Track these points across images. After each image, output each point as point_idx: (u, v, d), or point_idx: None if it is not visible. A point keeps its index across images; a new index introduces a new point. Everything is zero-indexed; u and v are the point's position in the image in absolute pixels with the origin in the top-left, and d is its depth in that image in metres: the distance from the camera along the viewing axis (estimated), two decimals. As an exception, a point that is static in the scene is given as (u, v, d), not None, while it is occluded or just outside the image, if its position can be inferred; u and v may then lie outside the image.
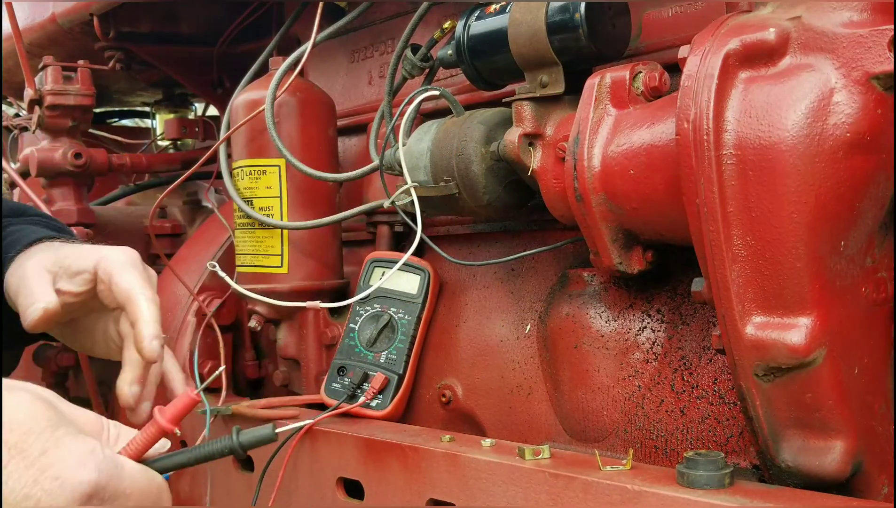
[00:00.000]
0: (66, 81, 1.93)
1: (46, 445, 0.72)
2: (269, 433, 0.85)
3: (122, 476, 0.76)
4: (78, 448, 0.73)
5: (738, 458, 1.05)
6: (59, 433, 0.73)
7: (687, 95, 0.89)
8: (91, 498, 0.72)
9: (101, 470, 0.74)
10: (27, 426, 0.71)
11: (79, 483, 0.72)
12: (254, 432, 0.85)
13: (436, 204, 1.25)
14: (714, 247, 0.89)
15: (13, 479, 0.69)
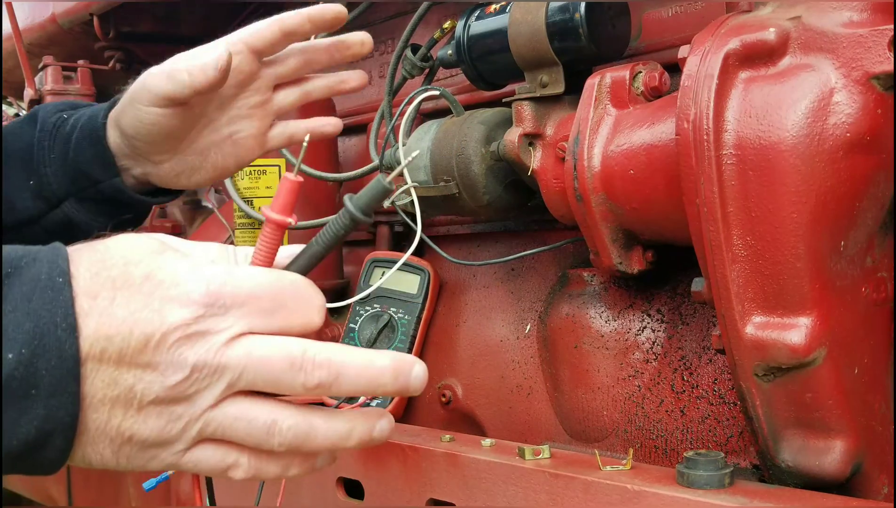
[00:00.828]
0: (66, 81, 1.94)
1: (148, 269, 0.65)
2: (382, 185, 0.72)
3: (237, 279, 0.66)
4: (182, 266, 0.66)
5: (738, 458, 1.05)
6: (163, 256, 0.67)
7: (687, 95, 0.89)
8: (208, 308, 0.65)
9: (210, 280, 0.65)
10: (125, 259, 0.66)
11: (187, 295, 0.64)
12: (366, 190, 0.72)
13: (436, 204, 1.25)
14: (714, 247, 0.89)
15: (122, 309, 0.64)
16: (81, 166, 1.08)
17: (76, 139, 1.08)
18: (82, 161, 1.07)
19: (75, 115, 1.12)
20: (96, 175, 1.07)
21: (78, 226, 1.10)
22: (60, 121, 1.11)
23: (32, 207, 1.10)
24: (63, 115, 1.12)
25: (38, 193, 1.10)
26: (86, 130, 1.08)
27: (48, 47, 2.02)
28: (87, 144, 1.07)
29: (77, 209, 1.10)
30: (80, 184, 1.09)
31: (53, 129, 1.11)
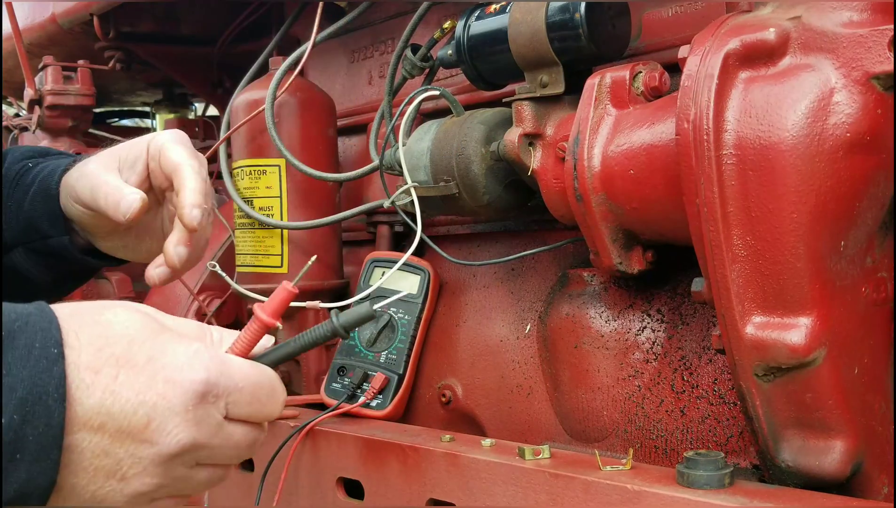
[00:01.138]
0: (66, 81, 1.94)
1: (152, 351, 0.71)
2: (367, 311, 0.81)
3: (232, 371, 0.74)
4: (183, 350, 0.72)
5: (738, 458, 1.05)
6: (163, 338, 0.72)
7: (687, 95, 0.89)
8: (205, 396, 0.72)
9: (209, 368, 0.72)
10: (129, 337, 0.71)
11: (190, 383, 0.71)
12: (352, 312, 0.81)
13: (436, 204, 1.25)
14: (714, 247, 0.89)
15: (125, 388, 0.69)
16: (34, 220, 1.10)
17: (33, 192, 1.11)
18: (35, 215, 1.10)
19: (39, 165, 1.14)
20: (46, 230, 1.10)
21: (22, 274, 1.13)
22: (24, 169, 1.13)
23: None
24: (29, 163, 1.14)
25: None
26: (42, 186, 1.10)
27: (48, 47, 2.02)
28: (41, 200, 1.10)
29: (24, 259, 1.12)
30: (30, 235, 1.11)
31: (16, 176, 1.13)
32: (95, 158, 1.08)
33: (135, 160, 1.07)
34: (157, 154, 1.05)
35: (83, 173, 1.06)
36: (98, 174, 1.05)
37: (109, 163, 1.06)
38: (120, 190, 1.02)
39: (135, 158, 1.07)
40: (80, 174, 1.06)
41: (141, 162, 1.06)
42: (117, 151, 1.08)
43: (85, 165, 1.08)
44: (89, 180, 1.05)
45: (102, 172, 1.05)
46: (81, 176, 1.06)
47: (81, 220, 1.08)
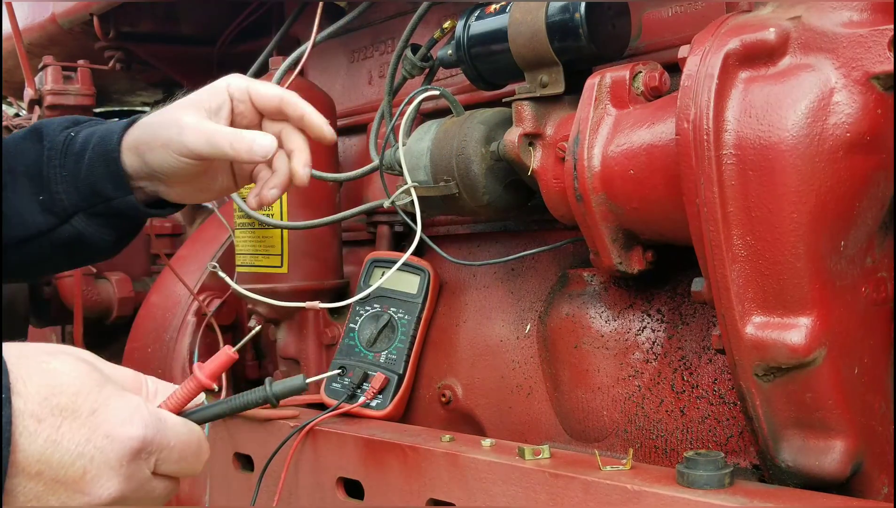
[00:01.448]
0: (66, 81, 1.94)
1: (96, 405, 0.75)
2: (299, 384, 0.87)
3: (167, 429, 0.79)
4: (125, 405, 0.77)
5: (738, 458, 1.05)
6: (106, 391, 0.76)
7: (687, 95, 0.89)
8: (139, 453, 0.76)
9: (147, 426, 0.77)
10: (75, 388, 0.74)
11: (128, 439, 0.75)
12: (286, 382, 0.88)
13: (436, 204, 1.25)
14: (714, 247, 0.89)
15: (66, 439, 0.73)
16: (94, 185, 1.13)
17: (89, 159, 1.13)
18: (95, 180, 1.13)
19: (82, 132, 1.17)
20: (109, 193, 1.13)
21: (86, 239, 1.16)
22: (69, 139, 1.16)
23: (42, 221, 1.15)
24: (70, 132, 1.17)
25: (47, 208, 1.15)
26: (98, 151, 1.13)
27: (48, 47, 2.02)
28: (100, 164, 1.12)
29: (87, 224, 1.15)
30: (91, 201, 1.14)
31: (63, 146, 1.15)
32: (179, 111, 1.11)
33: (219, 107, 1.12)
34: (245, 95, 1.12)
35: (182, 127, 1.09)
36: (206, 126, 1.09)
37: (200, 113, 1.11)
38: (245, 135, 1.08)
39: (218, 105, 1.12)
40: (175, 135, 1.09)
41: (226, 107, 1.12)
42: (197, 102, 1.13)
43: (174, 119, 1.11)
44: (198, 132, 1.08)
45: (208, 123, 1.10)
46: (182, 129, 1.09)
47: (165, 171, 1.11)
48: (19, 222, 1.16)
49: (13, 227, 1.16)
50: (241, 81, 1.14)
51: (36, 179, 1.16)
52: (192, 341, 1.68)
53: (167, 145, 1.10)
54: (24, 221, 1.16)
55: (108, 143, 1.13)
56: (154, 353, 1.71)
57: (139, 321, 1.80)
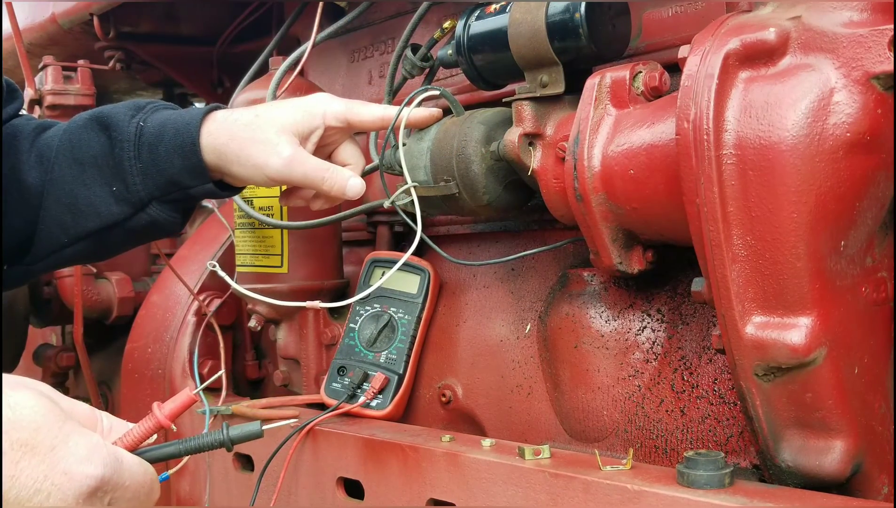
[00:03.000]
0: (66, 81, 1.94)
1: (55, 441, 0.75)
2: (256, 430, 0.90)
3: (123, 469, 0.80)
4: (84, 443, 0.77)
5: (738, 458, 1.05)
6: (66, 428, 0.77)
7: (687, 95, 0.89)
8: (96, 491, 0.77)
9: (105, 464, 0.78)
10: (36, 424, 0.75)
11: (86, 478, 0.76)
12: (242, 427, 0.90)
13: (436, 204, 1.25)
14: (714, 247, 0.89)
15: (25, 475, 0.73)
16: (172, 176, 1.18)
17: (165, 151, 1.18)
18: (173, 171, 1.18)
19: (151, 121, 1.20)
20: (187, 182, 1.18)
21: (159, 224, 1.21)
22: (139, 129, 1.19)
23: (118, 211, 1.19)
24: (139, 122, 1.20)
25: (122, 197, 1.19)
26: (175, 143, 1.17)
27: (48, 47, 2.02)
28: (179, 157, 1.17)
29: (160, 210, 1.20)
30: (167, 190, 1.19)
31: (135, 138, 1.19)
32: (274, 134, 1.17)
33: (311, 132, 1.18)
34: (343, 121, 1.20)
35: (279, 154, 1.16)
36: (304, 158, 1.16)
37: (294, 139, 1.17)
38: (340, 175, 1.17)
39: (311, 130, 1.19)
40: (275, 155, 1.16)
41: (318, 133, 1.19)
42: (292, 125, 1.18)
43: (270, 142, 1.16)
44: (295, 163, 1.16)
45: (304, 154, 1.17)
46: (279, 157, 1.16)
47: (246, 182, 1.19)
48: (93, 212, 1.19)
49: (88, 217, 1.19)
50: (339, 105, 1.19)
51: (106, 169, 1.19)
52: (192, 341, 1.68)
53: (259, 167, 1.15)
54: (99, 212, 1.19)
55: (185, 137, 1.17)
56: (154, 353, 1.71)
57: (139, 321, 1.80)
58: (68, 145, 1.21)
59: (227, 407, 1.43)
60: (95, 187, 1.19)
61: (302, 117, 1.18)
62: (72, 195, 1.19)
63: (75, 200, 1.19)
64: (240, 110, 1.22)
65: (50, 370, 2.09)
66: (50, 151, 1.21)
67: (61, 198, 1.19)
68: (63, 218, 1.20)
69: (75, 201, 1.19)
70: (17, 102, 1.28)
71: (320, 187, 1.17)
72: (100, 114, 1.22)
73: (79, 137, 1.21)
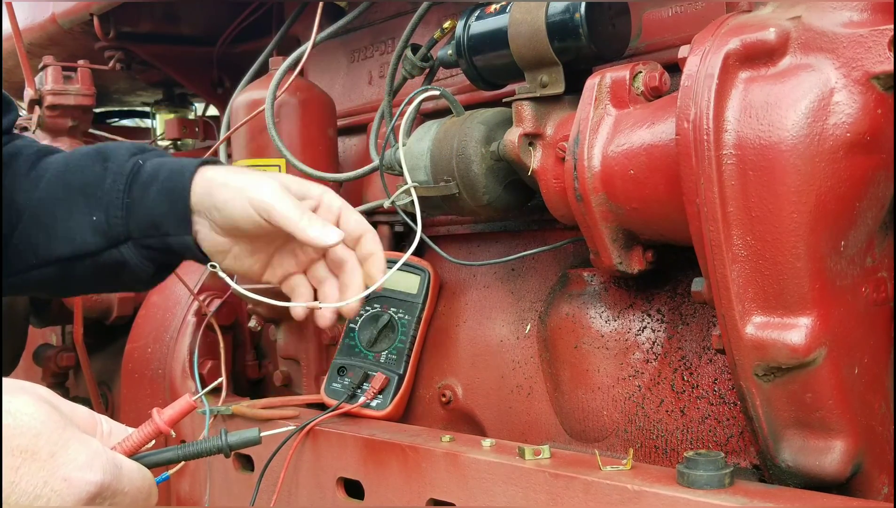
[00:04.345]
0: (66, 81, 1.94)
1: (55, 448, 0.75)
2: (254, 437, 0.91)
3: (122, 475, 0.80)
4: (84, 449, 0.77)
5: (738, 458, 1.05)
6: (66, 434, 0.77)
7: (687, 95, 0.89)
8: (95, 497, 0.77)
9: (105, 471, 0.78)
10: (36, 430, 0.75)
11: (86, 484, 0.76)
12: (240, 434, 0.91)
13: (436, 204, 1.25)
14: (714, 247, 0.89)
15: (25, 481, 0.73)
16: (155, 217, 1.14)
17: (156, 191, 1.14)
18: (159, 214, 1.14)
19: (150, 161, 1.18)
20: (168, 228, 1.15)
21: (128, 267, 1.17)
22: (136, 166, 1.17)
23: (91, 241, 1.16)
24: (138, 159, 1.18)
25: (100, 229, 1.15)
26: (167, 185, 1.14)
27: (48, 47, 2.02)
28: (167, 200, 1.14)
29: (133, 253, 1.16)
30: (147, 232, 1.15)
31: (130, 173, 1.16)
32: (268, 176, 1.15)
33: (303, 197, 1.15)
34: (336, 214, 1.17)
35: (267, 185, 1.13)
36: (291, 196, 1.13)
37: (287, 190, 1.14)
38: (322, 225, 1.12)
39: (302, 195, 1.16)
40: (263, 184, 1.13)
41: (309, 204, 1.15)
42: (287, 182, 1.16)
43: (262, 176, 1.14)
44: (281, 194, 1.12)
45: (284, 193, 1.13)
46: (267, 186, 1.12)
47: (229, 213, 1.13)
48: (67, 237, 1.16)
49: (60, 242, 1.16)
50: (336, 199, 1.18)
51: (93, 198, 1.16)
52: (192, 341, 1.68)
53: (243, 190, 1.12)
54: (73, 238, 1.16)
55: (178, 181, 1.14)
56: (154, 353, 1.71)
57: (139, 321, 1.80)
58: (63, 168, 1.19)
59: (228, 407, 1.43)
60: (77, 213, 1.16)
61: (297, 183, 1.17)
62: (52, 216, 1.17)
63: (54, 221, 1.16)
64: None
65: (50, 370, 2.09)
66: (47, 171, 1.20)
67: (41, 217, 1.17)
68: (37, 238, 1.17)
69: (54, 222, 1.16)
70: (11, 113, 1.26)
71: (299, 223, 1.11)
72: (102, 147, 1.21)
73: (76, 162, 1.19)
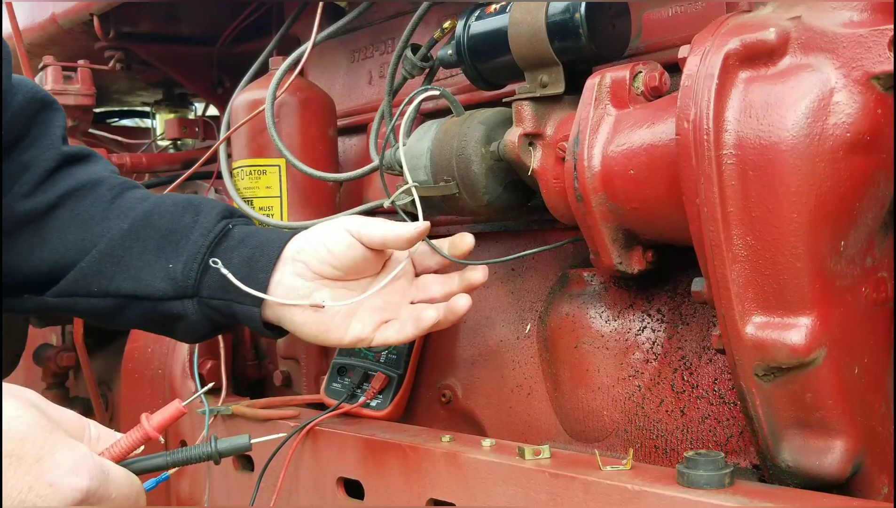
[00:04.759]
0: (66, 81, 1.94)
1: (41, 452, 0.75)
2: (244, 444, 0.91)
3: (109, 481, 0.80)
4: (71, 454, 0.77)
5: (738, 458, 1.05)
6: (53, 439, 0.76)
7: (687, 95, 0.89)
8: (81, 503, 0.76)
9: (92, 477, 0.77)
10: (22, 434, 0.74)
11: (71, 490, 0.75)
12: (231, 440, 0.91)
13: (436, 204, 1.25)
14: (714, 247, 0.89)
15: (10, 486, 0.73)
16: (230, 284, 1.13)
17: (239, 257, 1.14)
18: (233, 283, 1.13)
19: (238, 228, 1.18)
20: (236, 295, 1.13)
21: (185, 321, 1.16)
22: (225, 229, 1.17)
23: (159, 287, 1.15)
24: (229, 224, 1.18)
25: (171, 277, 1.15)
26: (251, 257, 1.15)
27: (48, 47, 2.02)
28: (246, 271, 1.13)
29: (196, 310, 1.15)
30: (217, 293, 1.14)
31: (219, 235, 1.16)
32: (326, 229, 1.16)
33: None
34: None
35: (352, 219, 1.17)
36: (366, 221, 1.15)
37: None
38: (399, 225, 1.14)
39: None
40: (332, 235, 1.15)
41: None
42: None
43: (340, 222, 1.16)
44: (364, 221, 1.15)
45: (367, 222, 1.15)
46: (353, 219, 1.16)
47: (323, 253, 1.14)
48: (135, 276, 1.15)
49: (128, 279, 1.15)
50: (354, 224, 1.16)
51: (175, 246, 1.15)
52: (192, 341, 1.67)
53: (336, 226, 1.14)
54: (141, 278, 1.15)
55: (268, 251, 1.14)
56: (154, 353, 1.71)
57: (139, 321, 1.80)
58: (152, 208, 1.18)
59: (227, 407, 1.43)
60: (153, 255, 1.15)
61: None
62: (127, 251, 1.15)
63: (128, 256, 1.15)
64: None
65: (50, 370, 2.09)
66: (133, 208, 1.19)
67: (116, 250, 1.15)
68: (105, 268, 1.15)
69: (128, 257, 1.15)
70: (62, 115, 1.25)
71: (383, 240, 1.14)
72: (195, 200, 1.21)
73: (167, 207, 1.18)
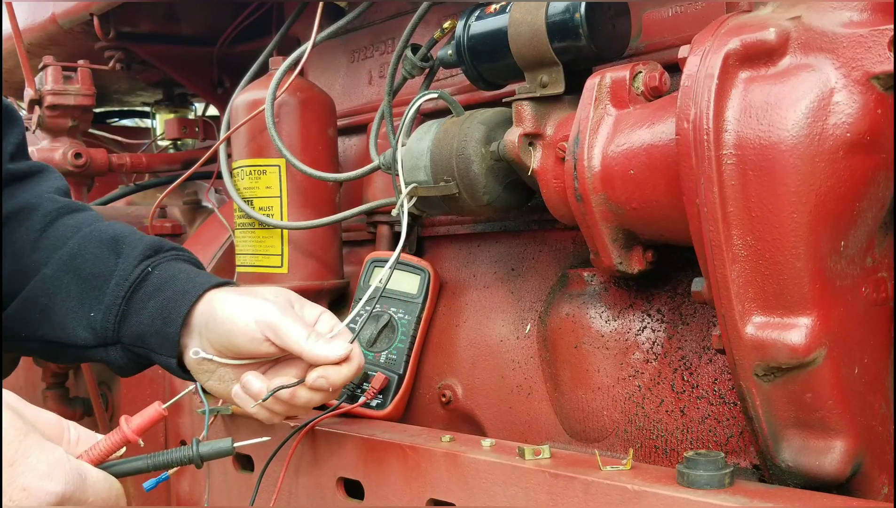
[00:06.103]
0: (66, 81, 1.94)
1: (15, 456, 0.74)
2: (226, 447, 0.91)
3: (86, 485, 0.79)
4: (46, 458, 0.76)
5: (738, 458, 1.05)
6: (28, 442, 0.75)
7: (687, 95, 0.89)
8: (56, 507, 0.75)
9: (67, 481, 0.76)
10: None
11: (45, 494, 0.74)
12: (213, 444, 0.91)
13: (436, 204, 1.25)
14: (714, 247, 0.89)
15: None
16: (144, 334, 1.12)
17: (153, 308, 1.13)
18: (148, 331, 1.12)
19: (158, 270, 1.16)
20: (154, 346, 1.12)
21: (112, 365, 1.16)
22: (143, 274, 1.15)
23: (82, 336, 1.14)
24: (147, 267, 1.16)
25: (92, 327, 1.14)
26: (166, 307, 1.12)
27: (48, 47, 2.02)
28: (161, 322, 1.12)
29: (119, 355, 1.15)
30: (135, 342, 1.14)
31: (135, 281, 1.14)
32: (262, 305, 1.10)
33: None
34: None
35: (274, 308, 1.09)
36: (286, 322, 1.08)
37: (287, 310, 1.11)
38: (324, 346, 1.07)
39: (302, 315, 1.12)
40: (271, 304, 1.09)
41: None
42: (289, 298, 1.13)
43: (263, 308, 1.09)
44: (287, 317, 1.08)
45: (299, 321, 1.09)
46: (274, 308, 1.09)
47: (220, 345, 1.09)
48: (59, 324, 1.14)
49: (52, 327, 1.15)
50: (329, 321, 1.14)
51: (95, 292, 1.14)
52: (192, 341, 1.67)
53: (247, 307, 1.08)
54: (65, 327, 1.14)
55: (180, 301, 1.11)
56: (154, 353, 1.71)
57: (139, 321, 1.80)
58: (76, 250, 1.17)
59: (227, 407, 1.42)
60: (75, 304, 1.14)
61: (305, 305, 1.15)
62: (51, 299, 1.15)
63: (53, 304, 1.15)
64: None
65: (50, 370, 2.09)
66: (60, 243, 1.17)
67: (40, 297, 1.15)
68: (31, 315, 1.16)
69: (52, 305, 1.15)
70: (17, 128, 1.22)
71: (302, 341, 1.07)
72: (121, 236, 1.18)
73: (91, 249, 1.17)
